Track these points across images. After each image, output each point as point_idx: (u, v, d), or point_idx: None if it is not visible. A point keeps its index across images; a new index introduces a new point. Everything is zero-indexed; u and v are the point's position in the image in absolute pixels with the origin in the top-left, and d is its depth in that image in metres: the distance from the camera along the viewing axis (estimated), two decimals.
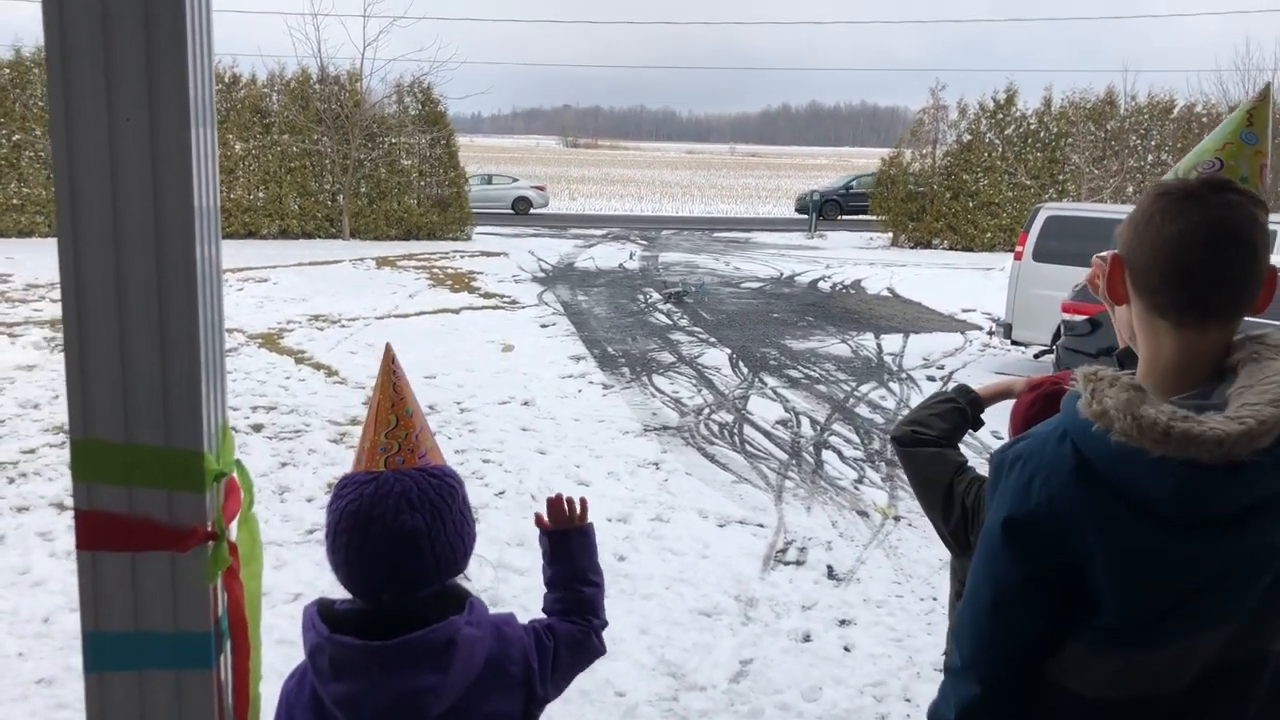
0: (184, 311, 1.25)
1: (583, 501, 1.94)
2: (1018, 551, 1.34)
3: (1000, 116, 26.78)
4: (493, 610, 1.65)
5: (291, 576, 5.14)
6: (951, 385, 2.27)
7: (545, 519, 1.92)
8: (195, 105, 1.25)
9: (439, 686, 1.45)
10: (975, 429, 2.27)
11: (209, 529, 1.27)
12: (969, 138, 26.76)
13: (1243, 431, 1.20)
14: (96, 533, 1.24)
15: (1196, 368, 1.34)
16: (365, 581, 1.49)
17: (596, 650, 1.83)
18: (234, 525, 1.34)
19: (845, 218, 34.36)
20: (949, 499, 2.11)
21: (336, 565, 1.50)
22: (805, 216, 32.73)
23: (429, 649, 1.45)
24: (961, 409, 2.23)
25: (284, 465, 6.92)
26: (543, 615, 1.85)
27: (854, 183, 35.62)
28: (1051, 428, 1.37)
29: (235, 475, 1.35)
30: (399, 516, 1.49)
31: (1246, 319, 1.37)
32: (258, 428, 7.79)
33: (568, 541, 1.88)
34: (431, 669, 1.45)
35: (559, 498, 1.92)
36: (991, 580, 1.38)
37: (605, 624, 1.86)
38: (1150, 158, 26.23)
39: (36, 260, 16.60)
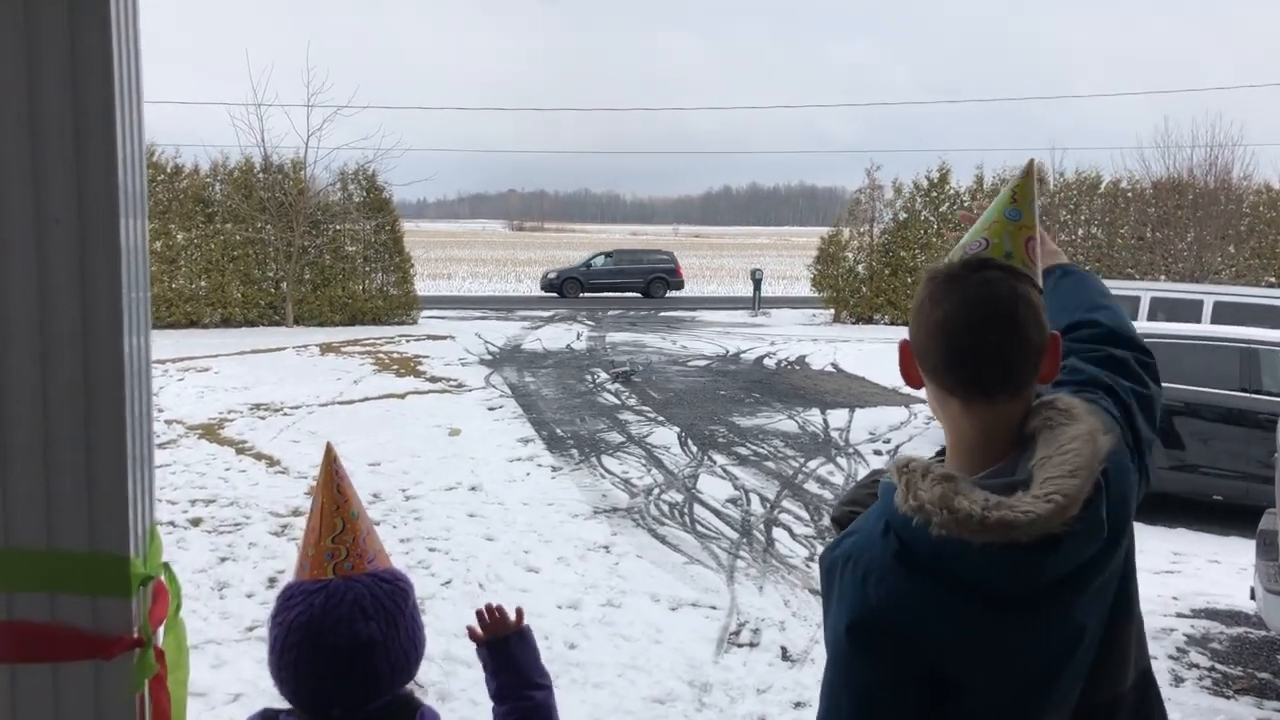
0: (110, 408, 1.22)
1: (518, 610, 1.88)
2: (870, 656, 1.32)
3: (934, 194, 27.53)
4: (440, 706, 1.60)
5: (231, 675, 4.97)
6: (886, 461, 2.27)
7: (477, 631, 1.86)
8: (125, 198, 1.24)
9: None
10: None
11: (135, 635, 1.23)
12: (905, 215, 27.44)
13: (1052, 509, 1.23)
14: (16, 644, 1.19)
15: (996, 441, 1.36)
16: (315, 696, 1.43)
17: None
18: (160, 630, 1.30)
19: (587, 295, 34.71)
20: None
21: (283, 680, 1.44)
22: (555, 294, 34.13)
23: None
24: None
25: (223, 560, 6.74)
26: None
27: (594, 261, 36.27)
28: (874, 521, 1.37)
29: (163, 578, 1.31)
30: (353, 626, 1.44)
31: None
32: (196, 521, 7.60)
33: (507, 647, 1.81)
34: None
35: (488, 608, 1.87)
36: (851, 691, 1.34)
37: None
38: (1080, 231, 27.09)
39: None
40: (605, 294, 34.97)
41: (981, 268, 1.36)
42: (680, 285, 36.34)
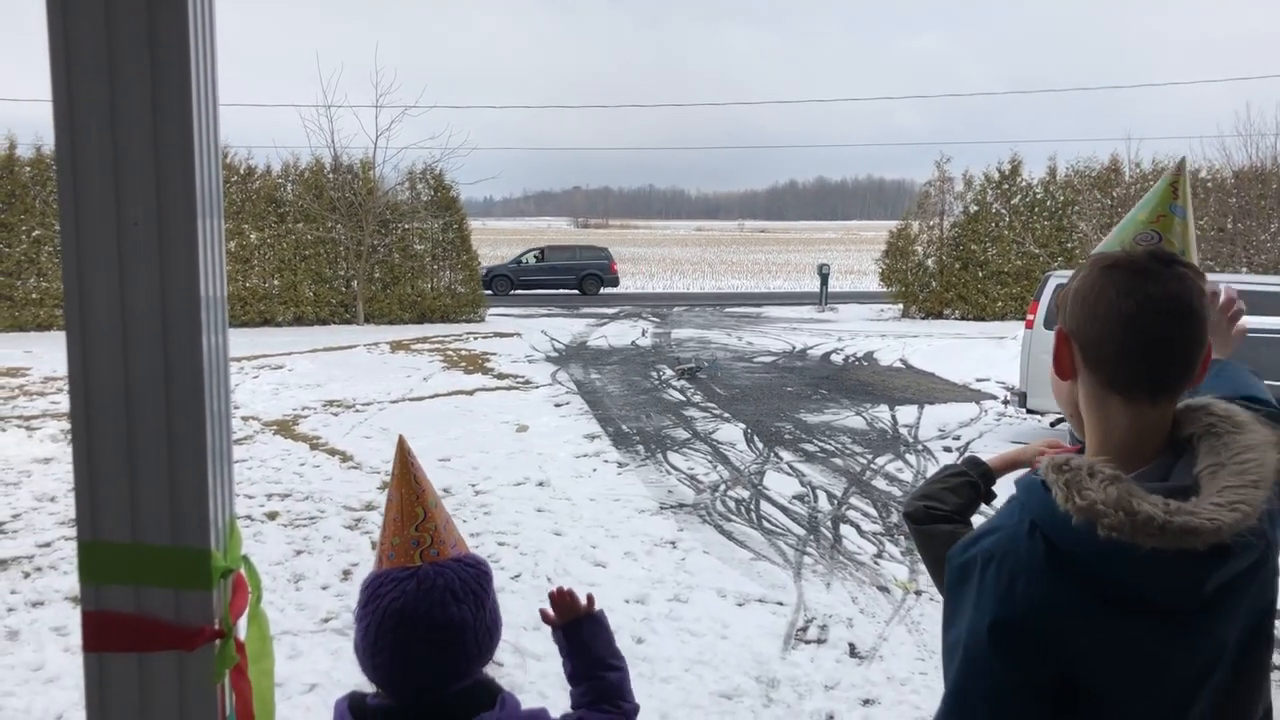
0: (191, 404, 1.25)
1: (589, 596, 1.91)
2: (1010, 658, 1.27)
3: (1006, 186, 27.02)
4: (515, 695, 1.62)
5: (307, 666, 5.08)
6: (962, 457, 2.23)
7: (550, 614, 1.90)
8: (201, 199, 1.27)
9: None
10: (988, 502, 2.21)
11: (216, 627, 1.26)
12: (975, 208, 26.97)
13: (1237, 518, 1.19)
14: (104, 634, 1.23)
15: (1148, 442, 1.32)
16: (407, 679, 1.47)
17: None
18: (242, 622, 1.33)
19: (518, 293, 33.34)
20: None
21: (377, 665, 1.48)
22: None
23: None
24: (974, 482, 2.19)
25: (299, 553, 6.88)
26: (571, 711, 1.81)
27: (524, 258, 34.84)
28: (1016, 520, 1.31)
29: (243, 571, 1.34)
30: (446, 610, 1.49)
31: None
32: (272, 515, 7.77)
33: (580, 631, 1.85)
34: None
35: (560, 591, 1.90)
36: (985, 696, 1.29)
37: (637, 708, 1.81)
38: None
39: (54, 354, 16.78)
40: (537, 291, 33.63)
41: (1171, 262, 1.32)
42: (615, 282, 34.88)
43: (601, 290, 34.32)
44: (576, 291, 33.88)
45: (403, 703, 1.47)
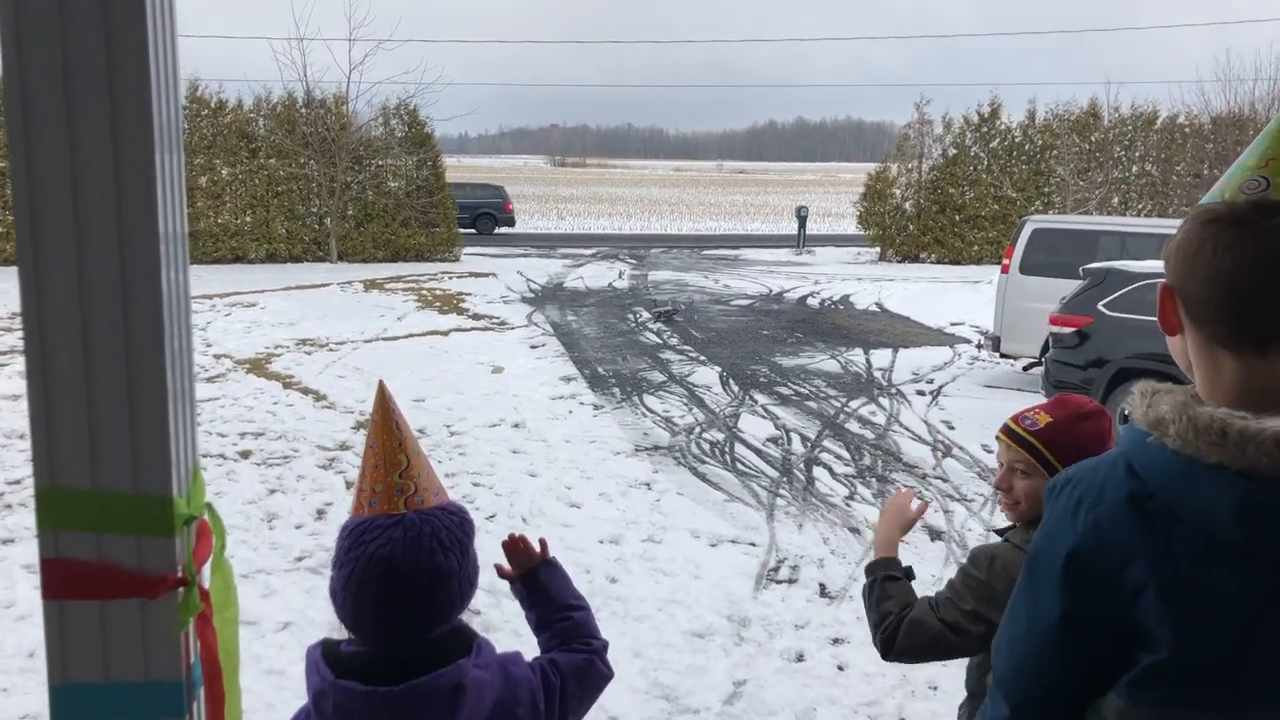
0: (150, 344, 1.22)
1: (541, 541, 1.91)
2: (1057, 583, 1.28)
3: (985, 130, 26.94)
4: (487, 636, 1.62)
5: (280, 605, 5.09)
6: (866, 573, 2.30)
7: (506, 568, 1.89)
8: (160, 133, 1.23)
9: None
10: (911, 578, 2.28)
11: (179, 575, 1.24)
12: (954, 151, 26.89)
13: None
14: (64, 581, 1.21)
15: (1261, 394, 1.28)
16: (390, 626, 1.46)
17: (603, 675, 1.79)
18: (206, 570, 1.31)
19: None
20: (959, 628, 2.07)
21: (358, 613, 1.46)
22: None
23: (436, 694, 1.42)
24: (892, 577, 2.24)
25: (272, 492, 6.87)
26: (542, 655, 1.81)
27: None
28: (1111, 457, 1.32)
29: (207, 518, 1.32)
30: (434, 558, 1.48)
31: None
32: (245, 454, 7.74)
33: (537, 579, 1.86)
34: (439, 715, 1.42)
35: (513, 539, 1.90)
36: (1029, 609, 1.34)
37: (606, 644, 1.82)
38: (1135, 169, 26.42)
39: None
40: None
41: (1275, 213, 1.27)
42: (511, 222, 33.30)
43: (496, 230, 32.88)
44: (472, 230, 31.48)
45: (380, 650, 1.46)
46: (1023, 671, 1.35)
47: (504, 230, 33.31)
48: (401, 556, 1.45)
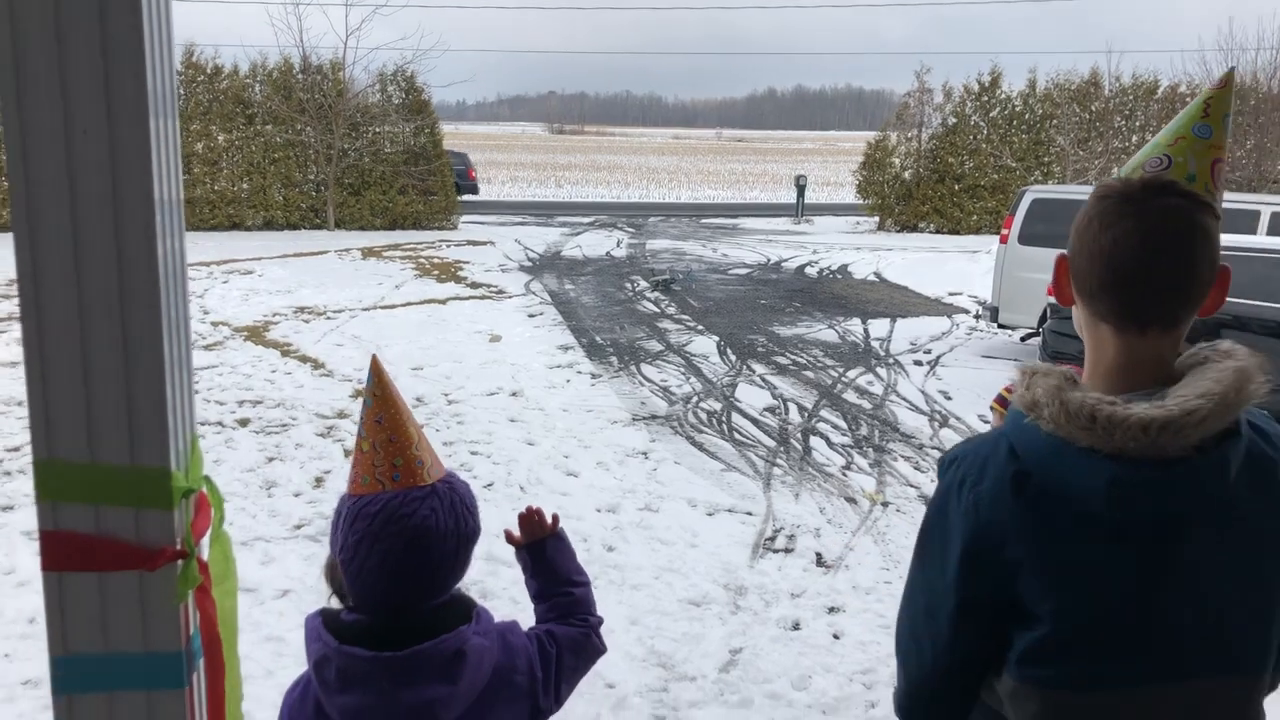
0: (147, 313, 1.21)
1: (554, 516, 1.93)
2: (951, 568, 1.32)
3: (985, 99, 26.76)
4: (484, 603, 1.64)
5: (279, 572, 5.11)
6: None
7: (515, 535, 1.91)
8: (154, 98, 1.22)
9: (448, 698, 1.45)
10: None
11: (178, 547, 1.24)
12: (954, 120, 26.73)
13: (1167, 418, 1.17)
14: (63, 553, 1.21)
15: (1140, 371, 1.30)
16: (403, 596, 1.48)
17: (597, 649, 1.82)
18: (204, 542, 1.32)
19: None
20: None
21: (377, 585, 1.46)
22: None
23: (438, 660, 1.45)
24: None
25: (271, 460, 6.88)
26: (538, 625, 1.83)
27: None
28: (994, 438, 1.35)
29: (205, 491, 1.32)
30: (468, 524, 1.54)
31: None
32: (244, 422, 7.75)
33: (544, 550, 1.88)
34: (441, 680, 1.45)
35: (529, 510, 1.92)
36: (926, 591, 1.39)
37: (601, 620, 1.86)
38: (1135, 139, 26.26)
39: None
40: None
41: (1162, 193, 1.27)
42: (474, 189, 31.99)
43: (461, 197, 32.13)
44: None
45: (383, 617, 1.48)
46: (923, 650, 1.38)
47: (468, 197, 32.87)
48: (442, 525, 1.49)
